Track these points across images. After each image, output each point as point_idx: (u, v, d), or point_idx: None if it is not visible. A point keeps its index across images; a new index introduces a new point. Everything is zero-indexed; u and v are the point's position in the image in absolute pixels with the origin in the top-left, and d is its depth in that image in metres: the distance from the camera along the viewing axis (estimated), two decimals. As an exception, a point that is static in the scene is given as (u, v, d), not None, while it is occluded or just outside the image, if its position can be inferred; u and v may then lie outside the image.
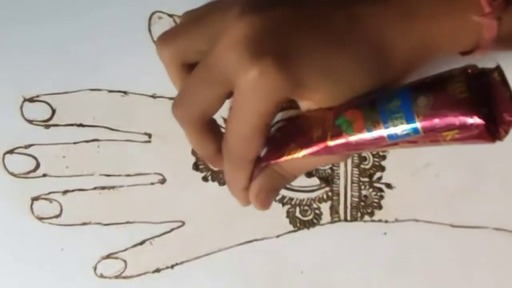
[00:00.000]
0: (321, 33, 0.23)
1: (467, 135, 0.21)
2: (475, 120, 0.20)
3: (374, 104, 0.22)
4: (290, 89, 0.22)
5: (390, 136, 0.22)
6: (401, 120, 0.21)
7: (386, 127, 0.22)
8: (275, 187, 0.27)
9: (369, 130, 0.22)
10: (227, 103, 0.25)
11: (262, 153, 0.26)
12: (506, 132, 0.21)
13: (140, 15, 0.36)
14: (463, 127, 0.20)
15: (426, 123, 0.21)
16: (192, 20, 0.26)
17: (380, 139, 0.22)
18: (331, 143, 0.23)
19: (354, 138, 0.23)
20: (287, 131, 0.26)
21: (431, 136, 0.21)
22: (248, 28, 0.22)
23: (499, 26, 0.24)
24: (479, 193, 0.35)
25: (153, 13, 0.36)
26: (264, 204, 0.27)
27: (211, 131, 0.27)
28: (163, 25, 0.35)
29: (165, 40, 0.26)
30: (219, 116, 0.33)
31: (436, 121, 0.21)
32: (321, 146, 0.23)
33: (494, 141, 0.21)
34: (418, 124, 0.21)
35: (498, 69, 0.21)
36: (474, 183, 0.35)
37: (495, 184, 0.35)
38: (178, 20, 0.36)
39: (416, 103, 0.21)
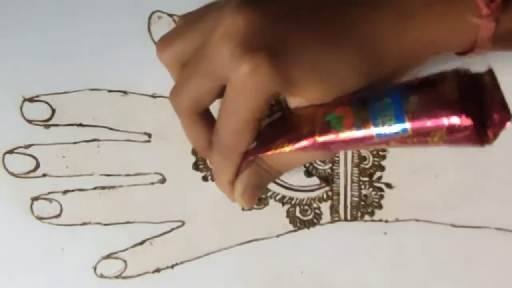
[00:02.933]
0: (315, 32, 0.23)
1: (455, 136, 0.20)
2: (464, 120, 0.20)
3: (364, 102, 0.22)
4: (282, 85, 0.23)
5: (379, 135, 0.22)
6: (390, 118, 0.21)
7: (376, 125, 0.22)
8: (261, 184, 0.27)
9: (358, 127, 0.22)
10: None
11: (251, 147, 0.26)
12: (495, 136, 0.21)
13: (140, 15, 0.36)
14: (452, 127, 0.20)
15: (415, 122, 0.21)
16: (188, 21, 0.26)
17: (368, 137, 0.22)
18: (319, 138, 0.23)
19: (342, 134, 0.22)
20: (277, 127, 0.26)
21: (420, 136, 0.21)
22: (242, 21, 0.22)
23: (496, 27, 0.24)
24: (480, 192, 0.35)
25: (152, 13, 0.36)
26: (250, 200, 0.27)
27: (204, 122, 0.27)
28: (162, 25, 0.36)
29: (163, 44, 0.27)
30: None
31: (425, 120, 0.21)
32: (309, 141, 0.23)
33: (483, 144, 0.21)
34: (407, 123, 0.21)
35: (490, 72, 0.21)
36: (475, 183, 0.35)
37: (497, 183, 0.35)
38: (177, 20, 0.36)
39: (406, 102, 0.21)
